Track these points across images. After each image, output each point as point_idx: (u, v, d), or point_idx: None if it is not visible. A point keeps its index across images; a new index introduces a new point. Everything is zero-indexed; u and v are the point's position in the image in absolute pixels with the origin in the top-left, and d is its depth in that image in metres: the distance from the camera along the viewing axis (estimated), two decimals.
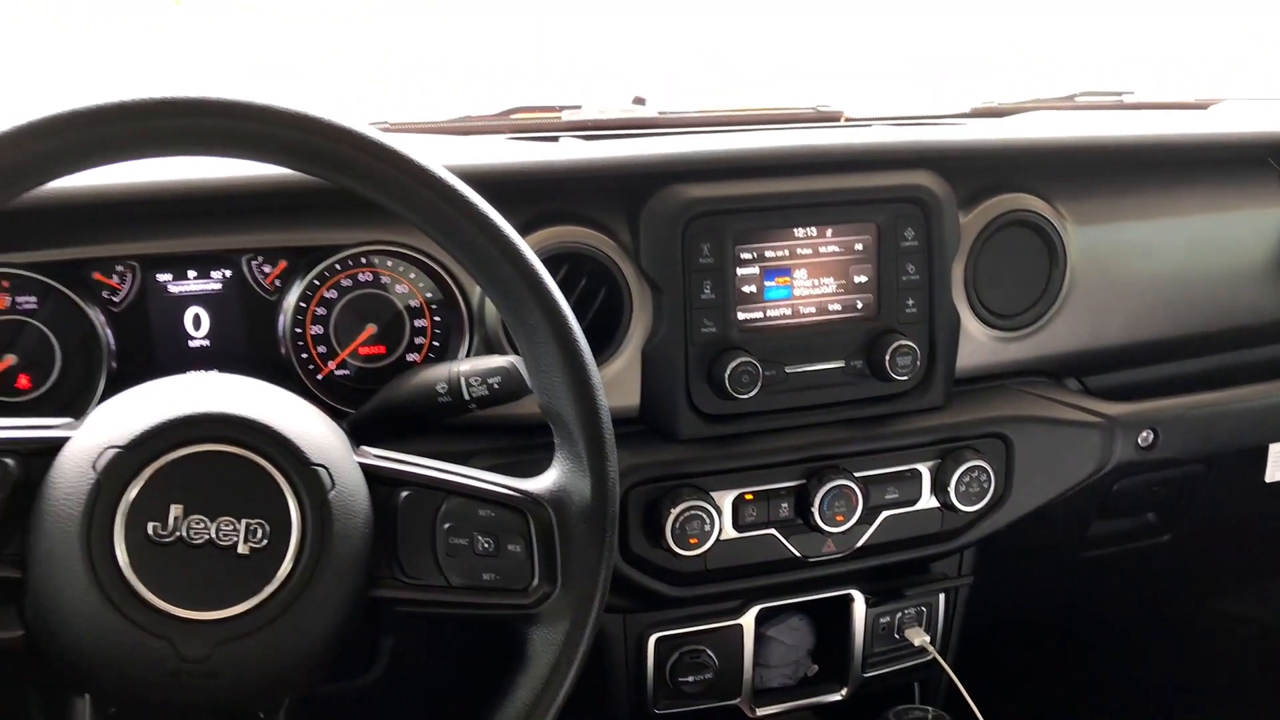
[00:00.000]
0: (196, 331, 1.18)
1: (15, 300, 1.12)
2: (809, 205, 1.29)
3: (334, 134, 0.88)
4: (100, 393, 1.14)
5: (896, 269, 1.32)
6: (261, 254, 1.19)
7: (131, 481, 0.82)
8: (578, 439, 0.96)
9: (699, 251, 1.25)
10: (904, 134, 1.43)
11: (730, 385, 1.24)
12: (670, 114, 1.54)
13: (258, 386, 0.92)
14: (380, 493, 0.92)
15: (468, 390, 1.12)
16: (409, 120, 1.49)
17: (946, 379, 1.36)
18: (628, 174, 1.26)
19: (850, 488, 1.32)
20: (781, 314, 1.29)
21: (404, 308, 1.24)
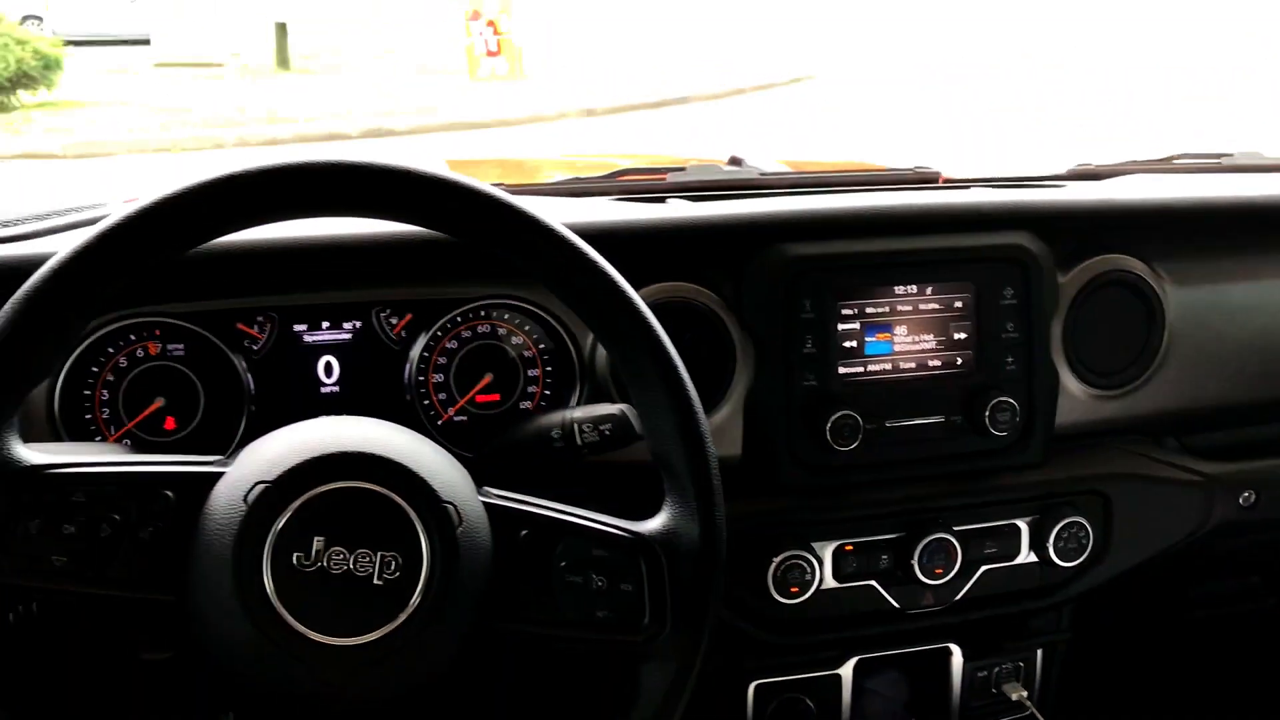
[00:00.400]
0: (328, 379, 1.26)
1: (166, 347, 1.21)
2: (909, 264, 1.33)
3: (466, 196, 0.95)
4: (240, 434, 1.22)
5: (996, 327, 1.35)
6: (390, 306, 1.27)
7: (279, 514, 0.89)
8: (687, 485, 1.00)
9: (801, 307, 1.29)
10: (1002, 195, 1.46)
11: (831, 438, 1.28)
12: (772, 175, 1.59)
13: (393, 429, 0.98)
14: (502, 530, 0.97)
15: (580, 436, 1.17)
16: (525, 183, 1.57)
17: (1045, 435, 1.38)
18: (734, 232, 1.31)
19: (949, 541, 1.34)
20: (882, 369, 1.33)
21: (519, 357, 1.30)
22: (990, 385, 1.35)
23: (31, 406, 1.14)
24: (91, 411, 1.19)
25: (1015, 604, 1.42)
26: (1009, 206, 1.40)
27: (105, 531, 0.89)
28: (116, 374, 1.19)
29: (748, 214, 1.33)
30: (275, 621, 0.87)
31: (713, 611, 1.00)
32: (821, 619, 1.35)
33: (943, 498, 1.36)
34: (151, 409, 1.20)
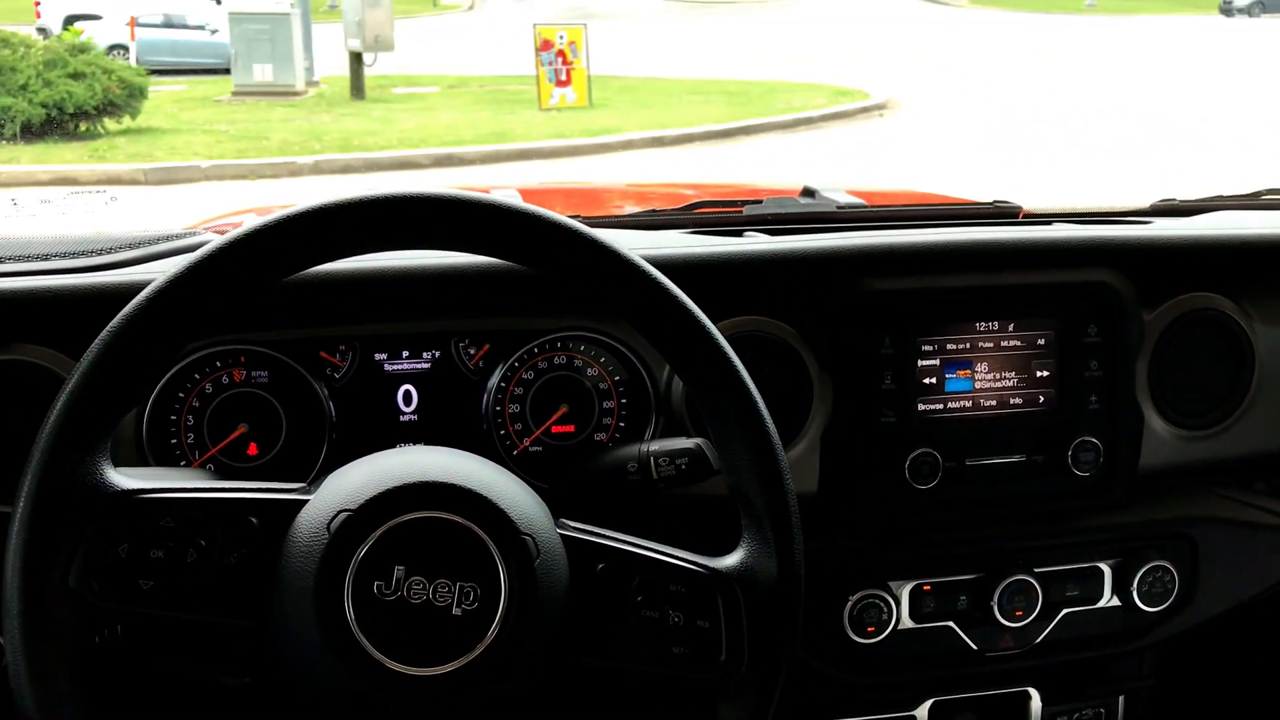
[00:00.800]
0: (407, 407, 1.27)
1: (251, 374, 1.23)
2: (990, 300, 1.31)
3: (546, 229, 0.95)
4: (321, 461, 1.24)
5: (1079, 364, 1.32)
6: (468, 337, 1.28)
7: (361, 543, 0.89)
8: (765, 521, 0.99)
9: (881, 342, 1.28)
10: (1085, 231, 1.44)
11: (910, 476, 1.26)
12: (849, 208, 1.59)
13: (473, 460, 0.99)
14: (579, 563, 0.97)
15: (656, 470, 1.17)
16: (600, 214, 1.58)
17: (1129, 476, 1.35)
18: (813, 267, 1.31)
19: (1030, 583, 1.31)
20: (962, 406, 1.31)
21: (594, 389, 1.31)
22: (1073, 424, 1.32)
23: (119, 431, 1.17)
24: (177, 436, 1.21)
25: (1097, 649, 1.39)
26: (1093, 242, 1.38)
27: (191, 557, 0.90)
28: (202, 400, 1.22)
29: (827, 248, 1.32)
30: (355, 650, 0.88)
31: (789, 650, 0.99)
32: (898, 659, 1.33)
33: (1023, 538, 1.34)
34: (235, 435, 1.22)
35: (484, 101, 14.32)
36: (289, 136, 11.31)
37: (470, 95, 15.03)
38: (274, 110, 13.20)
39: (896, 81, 16.42)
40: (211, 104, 13.88)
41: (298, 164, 9.92)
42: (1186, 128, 12.15)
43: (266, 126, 11.96)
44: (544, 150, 10.92)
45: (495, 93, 15.09)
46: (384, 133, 11.58)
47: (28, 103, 10.80)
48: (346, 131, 11.65)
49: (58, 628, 0.87)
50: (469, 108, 13.71)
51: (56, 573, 0.86)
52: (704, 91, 15.14)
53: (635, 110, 13.34)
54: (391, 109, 13.54)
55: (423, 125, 12.13)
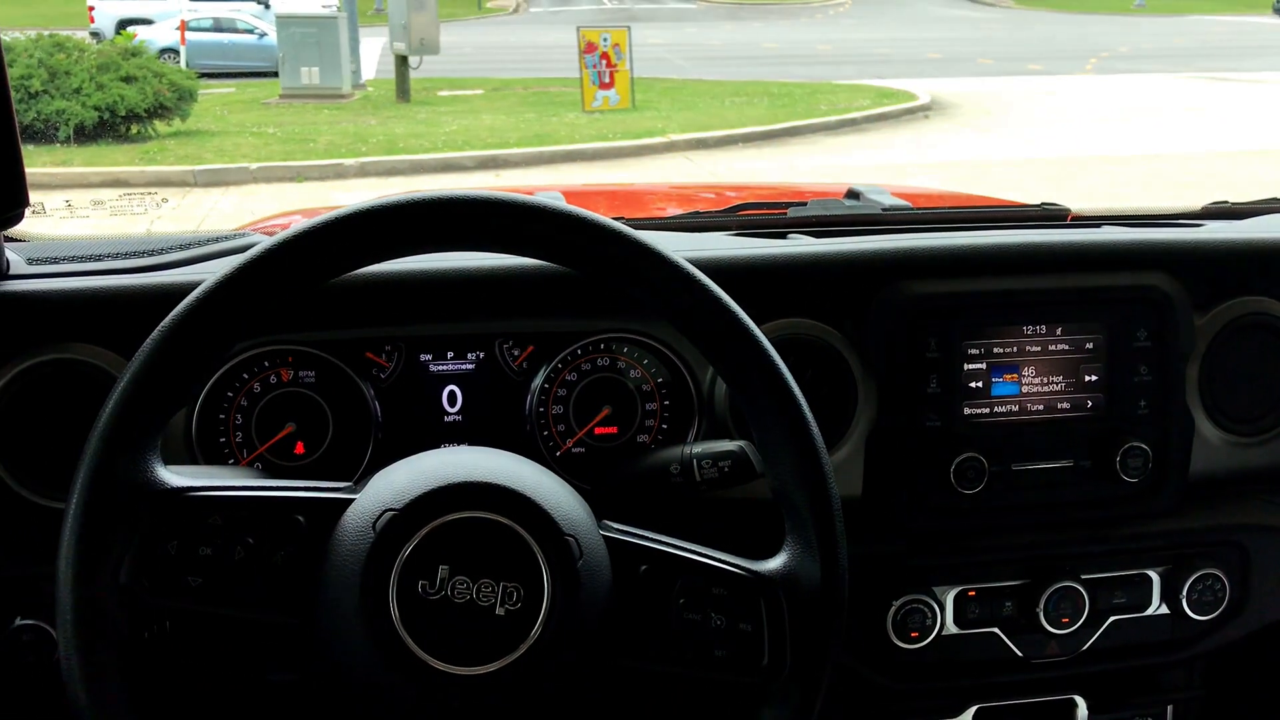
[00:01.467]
0: (451, 408, 1.28)
1: (298, 374, 1.24)
2: (1038, 303, 1.30)
3: (590, 230, 0.96)
4: (367, 461, 1.25)
5: (1128, 369, 1.31)
6: (513, 338, 1.28)
7: (406, 542, 0.90)
8: (809, 525, 0.99)
9: (926, 345, 1.27)
10: (1135, 234, 1.42)
11: (955, 480, 1.25)
12: (894, 210, 1.58)
13: (517, 460, 0.99)
14: (622, 565, 0.97)
15: (700, 472, 1.17)
16: (644, 216, 1.58)
17: (1179, 483, 1.33)
18: (858, 269, 1.30)
19: (1076, 590, 1.30)
20: (1008, 410, 1.30)
21: (637, 391, 1.31)
22: (1122, 429, 1.30)
23: (170, 429, 1.18)
24: (226, 435, 1.23)
25: (1145, 657, 1.37)
26: (1143, 245, 1.36)
27: (239, 554, 0.91)
28: (250, 399, 1.23)
29: (872, 250, 1.31)
30: (399, 648, 0.88)
31: (832, 655, 0.98)
32: (941, 665, 1.32)
33: (1070, 544, 1.32)
34: (283, 434, 1.24)
35: (528, 104, 14.38)
36: (335, 139, 11.43)
37: (514, 97, 15.10)
38: (320, 113, 13.34)
39: (942, 83, 16.30)
40: (259, 107, 14.05)
41: (344, 166, 10.02)
42: (1237, 129, 11.97)
43: (313, 129, 12.08)
44: (587, 152, 10.95)
45: (539, 95, 15.15)
46: (429, 135, 11.66)
47: (81, 106, 11.00)
48: (392, 134, 11.75)
49: (108, 623, 0.88)
50: (513, 110, 13.78)
51: (107, 569, 0.88)
52: (747, 93, 15.11)
53: (678, 112, 13.34)
54: (436, 111, 13.63)
55: (467, 128, 12.20)
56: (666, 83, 16.22)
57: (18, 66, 10.79)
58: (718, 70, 18.41)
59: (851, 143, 11.83)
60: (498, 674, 0.89)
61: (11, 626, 1.16)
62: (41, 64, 11.07)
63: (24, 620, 1.16)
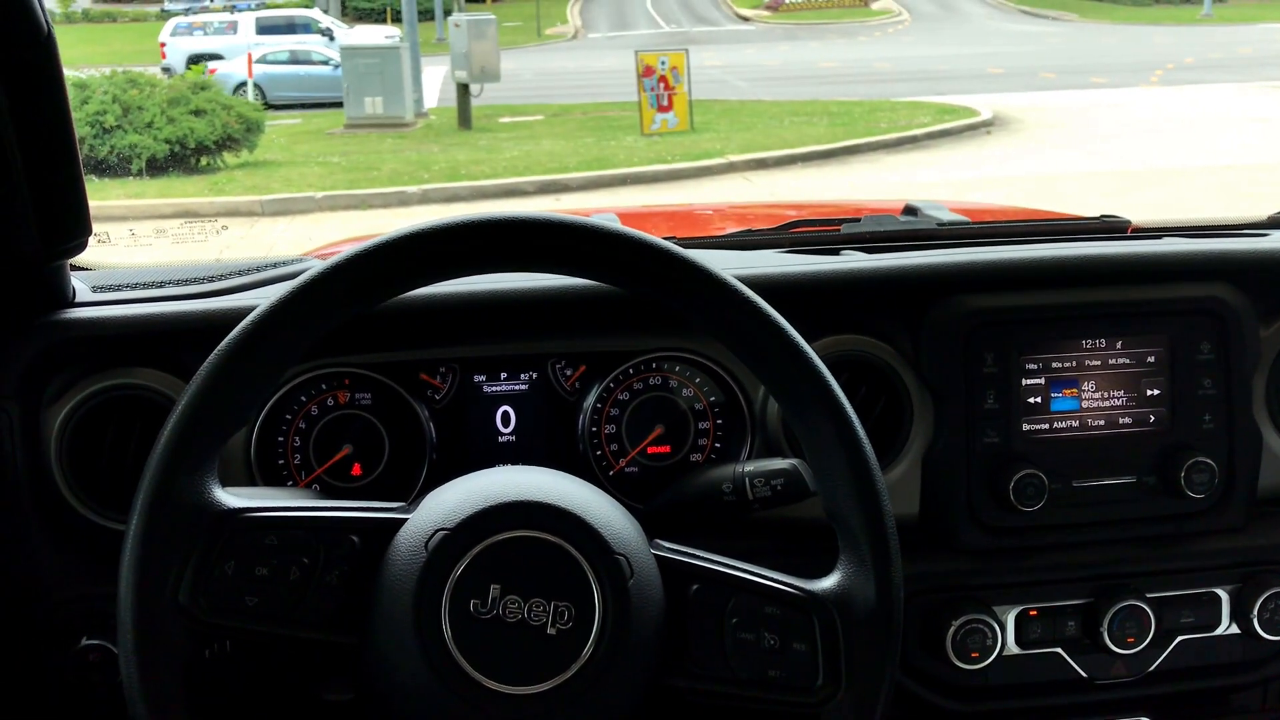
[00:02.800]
0: (505, 428, 1.29)
1: (355, 396, 1.26)
2: (1097, 316, 1.28)
3: (638, 249, 0.96)
4: (422, 481, 1.26)
5: (1192, 382, 1.28)
6: (565, 359, 1.29)
7: (458, 561, 0.90)
8: (862, 543, 0.97)
9: (982, 361, 1.26)
10: (1197, 245, 1.39)
11: (1014, 497, 1.23)
12: (950, 224, 1.56)
13: (567, 479, 0.99)
14: (673, 584, 0.96)
15: (752, 491, 1.16)
16: (696, 235, 1.58)
17: (1248, 499, 1.30)
18: (910, 284, 1.29)
19: (1142, 609, 1.27)
20: (1068, 426, 1.28)
21: (689, 410, 1.30)
22: (1186, 444, 1.27)
23: (229, 452, 1.21)
24: (284, 457, 1.25)
25: (1215, 678, 1.33)
26: (1205, 256, 1.33)
27: (294, 575, 0.92)
28: (308, 421, 1.25)
29: (925, 265, 1.30)
30: (452, 668, 0.89)
31: (889, 675, 0.97)
32: (1003, 687, 1.30)
33: (1135, 562, 1.29)
34: (340, 455, 1.25)
35: (587, 128, 14.49)
36: (398, 167, 11.60)
37: (574, 122, 15.22)
38: (384, 141, 13.55)
39: (1004, 98, 16.13)
40: (324, 137, 14.31)
41: (407, 193, 10.16)
42: None
43: (377, 157, 12.28)
44: (646, 175, 10.99)
45: (598, 119, 15.25)
46: (490, 161, 11.79)
47: (153, 139, 11.29)
48: (454, 161, 11.90)
49: (169, 642, 0.90)
50: (572, 135, 13.88)
51: (167, 589, 0.89)
52: (806, 113, 15.08)
53: (737, 133, 13.35)
54: (497, 138, 13.78)
55: (527, 153, 12.32)
56: (724, 104, 16.24)
57: (92, 103, 11.11)
58: (776, 90, 18.39)
59: (913, 160, 11.74)
60: (549, 694, 0.89)
61: (78, 646, 1.19)
62: (115, 100, 11.39)
63: (90, 640, 1.19)
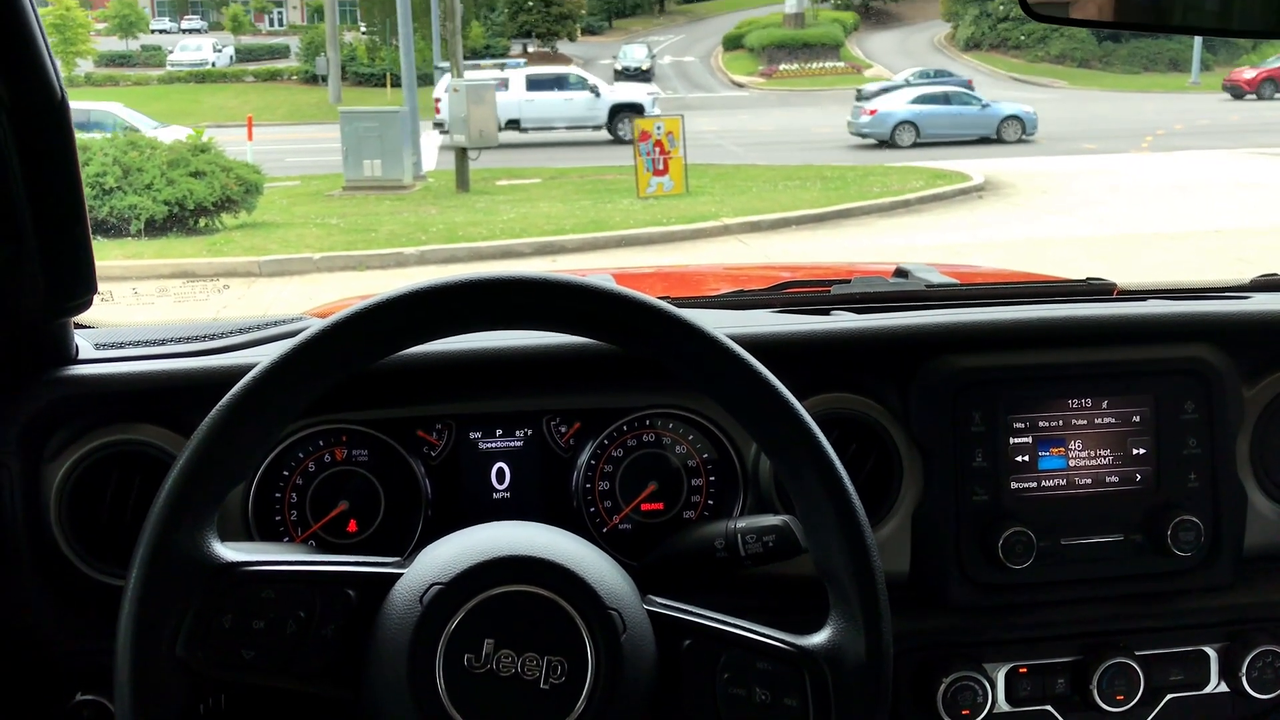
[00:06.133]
0: (500, 485, 1.30)
1: (351, 453, 1.27)
2: (1083, 376, 1.30)
3: (632, 308, 0.98)
4: (417, 538, 1.27)
5: (1177, 442, 1.30)
6: (559, 415, 1.31)
7: (452, 615, 0.91)
8: (853, 599, 0.99)
9: (970, 420, 1.27)
10: (1180, 307, 1.42)
11: (1004, 555, 1.25)
12: (939, 286, 1.59)
13: (561, 535, 1.01)
14: (665, 639, 0.97)
15: (744, 547, 1.17)
16: (690, 295, 1.61)
17: (1234, 557, 1.31)
18: (899, 344, 1.31)
19: (1131, 666, 1.28)
20: (1056, 484, 1.29)
21: (683, 467, 1.32)
22: (1172, 503, 1.29)
23: (226, 507, 1.22)
24: (281, 513, 1.26)
25: None
26: (1189, 318, 1.36)
27: (291, 628, 0.93)
28: (305, 478, 1.26)
29: (913, 325, 1.32)
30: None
31: None
32: None
33: (1123, 620, 1.30)
34: (336, 512, 1.26)
35: (583, 191, 14.63)
36: (396, 228, 11.69)
37: (570, 185, 15.37)
38: (382, 203, 13.67)
39: (996, 163, 16.32)
40: (323, 198, 14.43)
41: (404, 254, 10.23)
42: None
43: (375, 219, 12.38)
44: (642, 237, 11.08)
45: (594, 183, 15.41)
46: (487, 223, 11.89)
47: (152, 200, 11.39)
48: (451, 223, 12.00)
49: (165, 695, 0.90)
50: (569, 198, 14.01)
51: (165, 641, 0.90)
52: (800, 177, 15.25)
53: (731, 196, 13.49)
54: (494, 200, 13.91)
55: (524, 215, 12.43)
56: (720, 168, 16.43)
57: (93, 164, 11.22)
58: (770, 155, 18.61)
59: (906, 224, 11.86)
60: None
61: (73, 702, 1.19)
62: (116, 161, 11.51)
63: (84, 695, 1.19)
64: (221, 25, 56.12)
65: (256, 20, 59.70)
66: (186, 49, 46.44)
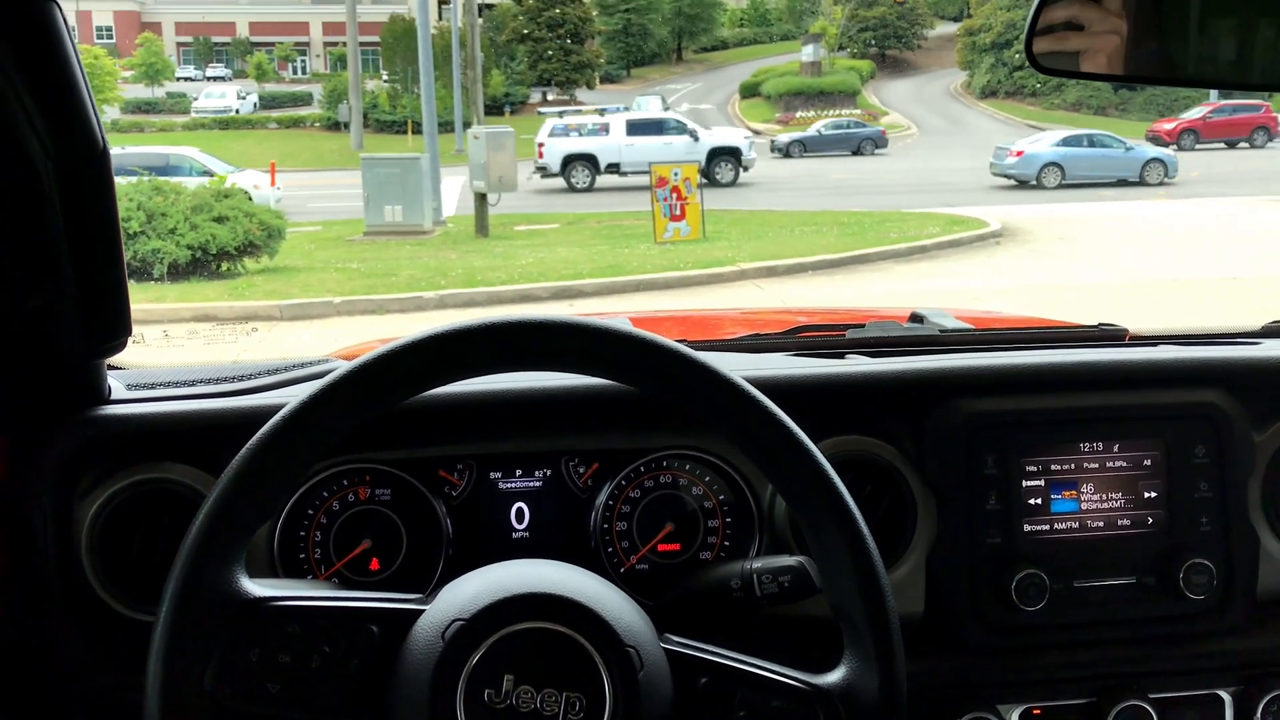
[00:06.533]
0: (519, 525, 1.32)
1: (375, 492, 1.30)
2: (1095, 420, 1.32)
3: (650, 350, 1.01)
4: (438, 577, 1.29)
5: (1188, 486, 1.31)
6: (578, 456, 1.33)
7: (473, 651, 0.93)
8: (867, 639, 1.00)
9: (983, 463, 1.29)
10: (1191, 352, 1.44)
11: (1017, 597, 1.26)
12: (953, 331, 1.61)
13: (580, 573, 1.03)
14: (682, 677, 0.99)
15: (759, 587, 1.19)
16: (706, 339, 1.63)
17: (1247, 600, 1.32)
18: (913, 387, 1.33)
19: (1145, 709, 1.28)
20: (1069, 527, 1.31)
21: (699, 508, 1.34)
22: (1184, 546, 1.30)
23: (253, 544, 1.24)
24: (305, 551, 1.28)
25: None
26: (1198, 363, 1.38)
27: (316, 662, 0.95)
28: (329, 517, 1.29)
29: (927, 369, 1.35)
30: None
31: None
32: None
33: (1137, 662, 1.31)
34: (359, 550, 1.29)
35: (601, 236, 14.73)
36: (416, 273, 11.79)
37: (588, 231, 15.48)
38: (403, 248, 13.79)
39: (1013, 209, 16.36)
40: (344, 243, 14.57)
41: (424, 298, 10.31)
42: None
43: (395, 264, 12.48)
44: (659, 282, 11.14)
45: (612, 228, 15.51)
46: (505, 268, 11.98)
47: (175, 245, 11.52)
48: (470, 267, 12.09)
49: None
50: (587, 243, 14.11)
51: (194, 675, 0.92)
52: (817, 223, 15.32)
53: (748, 242, 13.55)
54: (513, 245, 14.01)
55: (542, 260, 12.52)
56: (736, 214, 16.53)
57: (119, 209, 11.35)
58: (787, 201, 18.72)
59: (923, 269, 11.89)
60: None
61: None
62: (140, 206, 11.66)
63: None
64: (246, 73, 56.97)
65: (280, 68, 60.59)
66: (211, 96, 47.10)
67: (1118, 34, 1.26)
